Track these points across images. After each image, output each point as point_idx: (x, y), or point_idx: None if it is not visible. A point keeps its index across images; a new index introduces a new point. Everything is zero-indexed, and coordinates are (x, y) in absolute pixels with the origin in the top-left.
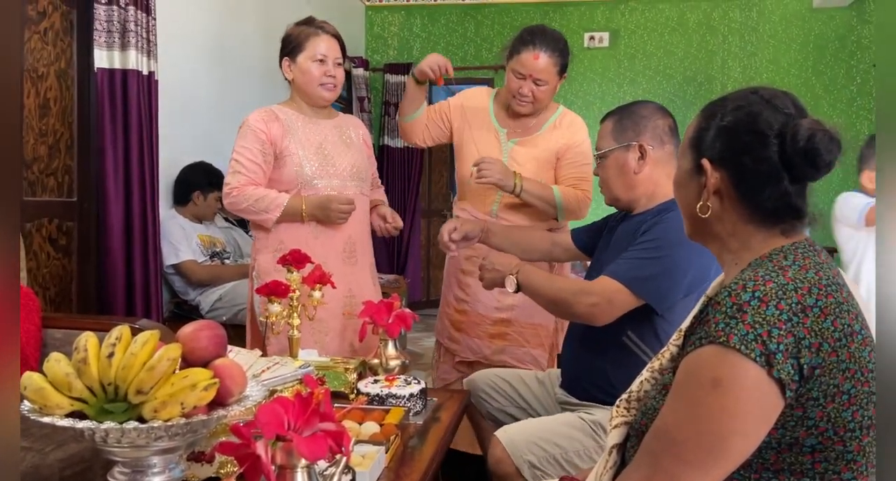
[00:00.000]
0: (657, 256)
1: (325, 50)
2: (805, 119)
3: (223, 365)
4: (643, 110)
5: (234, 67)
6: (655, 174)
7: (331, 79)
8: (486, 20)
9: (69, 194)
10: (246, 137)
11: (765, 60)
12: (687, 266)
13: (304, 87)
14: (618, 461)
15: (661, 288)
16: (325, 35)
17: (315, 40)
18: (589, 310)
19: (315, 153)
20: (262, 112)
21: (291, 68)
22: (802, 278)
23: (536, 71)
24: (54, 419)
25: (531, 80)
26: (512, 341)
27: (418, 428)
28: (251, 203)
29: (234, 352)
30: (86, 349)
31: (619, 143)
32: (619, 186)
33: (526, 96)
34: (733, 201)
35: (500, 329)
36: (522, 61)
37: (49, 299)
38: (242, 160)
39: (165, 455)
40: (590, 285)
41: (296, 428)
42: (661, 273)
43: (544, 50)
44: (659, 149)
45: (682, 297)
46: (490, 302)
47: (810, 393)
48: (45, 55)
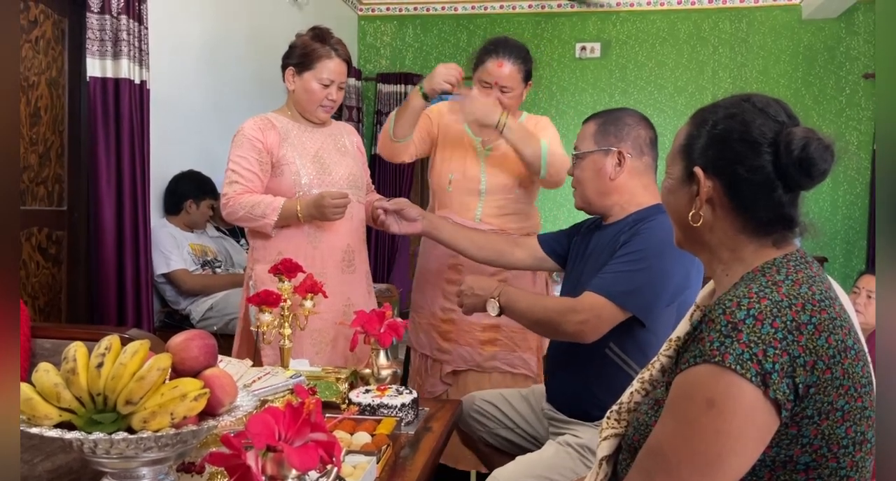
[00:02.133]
0: (640, 268)
1: (334, 75)
2: (798, 127)
3: (213, 376)
4: (628, 118)
5: (227, 77)
6: (631, 183)
7: (331, 102)
8: (479, 30)
9: (59, 203)
10: (242, 146)
11: (755, 71)
12: (670, 275)
13: (303, 104)
14: (609, 472)
15: (646, 299)
16: (336, 59)
17: (326, 63)
18: (578, 327)
19: (312, 161)
20: (257, 120)
21: (294, 80)
22: (796, 294)
23: (502, 78)
24: (43, 430)
25: (498, 88)
26: (502, 346)
27: (410, 439)
28: (247, 210)
29: (224, 361)
30: (75, 359)
31: (598, 147)
32: (592, 190)
33: None
34: (726, 210)
35: (491, 335)
36: (488, 70)
37: (38, 309)
38: (238, 169)
39: (155, 466)
40: (576, 302)
41: (286, 439)
42: (645, 284)
43: (508, 58)
44: (637, 158)
45: (666, 307)
46: None
47: (805, 412)
48: (36, 64)
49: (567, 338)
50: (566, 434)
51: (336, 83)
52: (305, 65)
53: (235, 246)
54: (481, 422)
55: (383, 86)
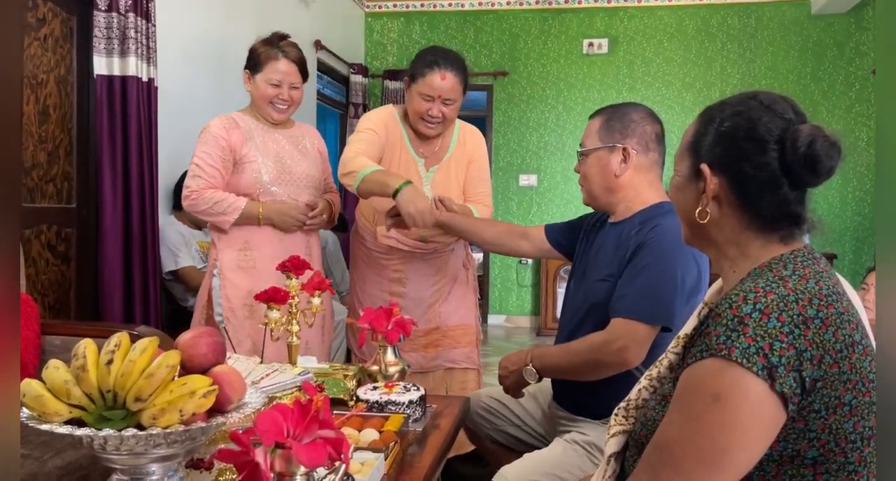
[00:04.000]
0: (657, 278)
1: (282, 76)
2: (805, 124)
3: (222, 373)
4: (634, 114)
5: (233, 73)
6: (636, 180)
7: (283, 102)
8: (486, 27)
9: (68, 200)
10: (207, 143)
11: (763, 67)
12: (684, 277)
13: (258, 104)
14: (616, 469)
15: (669, 307)
16: (284, 60)
17: (274, 64)
18: (619, 357)
19: (273, 161)
20: (223, 119)
21: (250, 82)
22: (803, 289)
23: (445, 91)
24: (53, 426)
25: (440, 101)
26: (444, 346)
27: (417, 435)
28: (210, 206)
29: (233, 358)
30: (84, 356)
31: (603, 143)
32: (598, 186)
33: (436, 117)
34: (732, 207)
35: (433, 337)
36: (429, 83)
37: (48, 305)
38: (202, 164)
39: (164, 462)
40: (606, 334)
41: (295, 436)
42: (664, 293)
43: (450, 69)
44: (643, 154)
45: (683, 308)
46: (421, 316)
47: (812, 406)
48: (44, 61)
49: (612, 370)
50: (573, 431)
51: (286, 83)
52: (257, 66)
53: None
54: (488, 420)
55: (390, 82)
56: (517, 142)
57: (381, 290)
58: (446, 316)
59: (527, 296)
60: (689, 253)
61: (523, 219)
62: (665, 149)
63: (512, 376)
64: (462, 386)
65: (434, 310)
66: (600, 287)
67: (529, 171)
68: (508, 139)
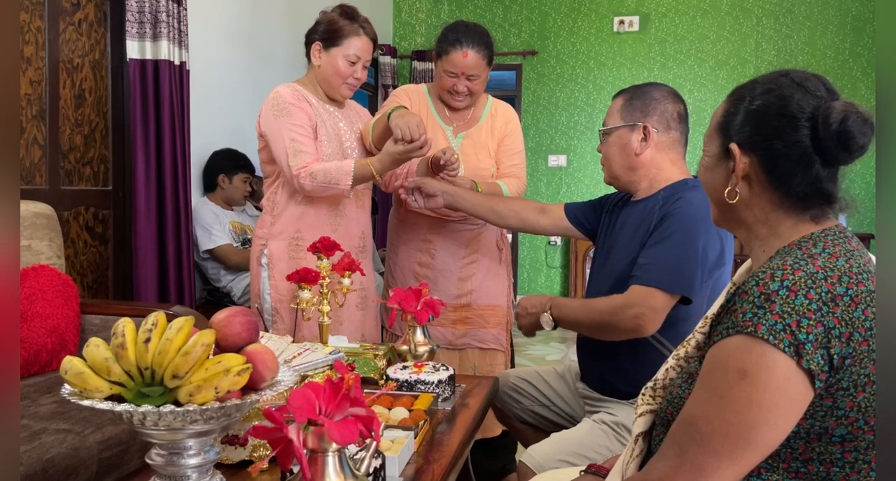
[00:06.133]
0: (678, 249)
1: (360, 52)
2: (837, 101)
3: (256, 351)
4: (655, 93)
5: (264, 56)
6: (658, 158)
7: (356, 80)
8: (515, 5)
9: (104, 183)
10: (293, 114)
11: (800, 43)
12: (705, 250)
13: (328, 79)
14: (644, 449)
15: (689, 278)
16: (364, 37)
17: (354, 40)
18: (634, 322)
19: (333, 136)
20: (291, 90)
21: (320, 56)
22: (832, 266)
23: (467, 68)
24: (94, 402)
25: (464, 77)
26: (473, 324)
27: (447, 414)
28: (320, 180)
29: (265, 338)
30: (123, 334)
31: (624, 122)
32: (619, 165)
33: (462, 91)
34: (763, 186)
35: (462, 314)
36: (452, 61)
37: (86, 285)
38: (299, 138)
39: (200, 438)
40: (626, 298)
41: (327, 413)
42: (685, 263)
43: (471, 46)
44: (664, 133)
45: (703, 283)
46: (451, 290)
47: (840, 383)
48: (79, 46)
49: (626, 336)
50: (601, 411)
51: (362, 61)
52: (332, 40)
53: None
54: (517, 399)
55: (418, 63)
56: (546, 123)
57: (410, 261)
58: (477, 294)
59: (556, 277)
60: (713, 227)
61: (552, 199)
62: (688, 128)
63: (529, 318)
64: (490, 369)
65: (465, 285)
66: (624, 263)
67: (559, 152)
68: (538, 119)
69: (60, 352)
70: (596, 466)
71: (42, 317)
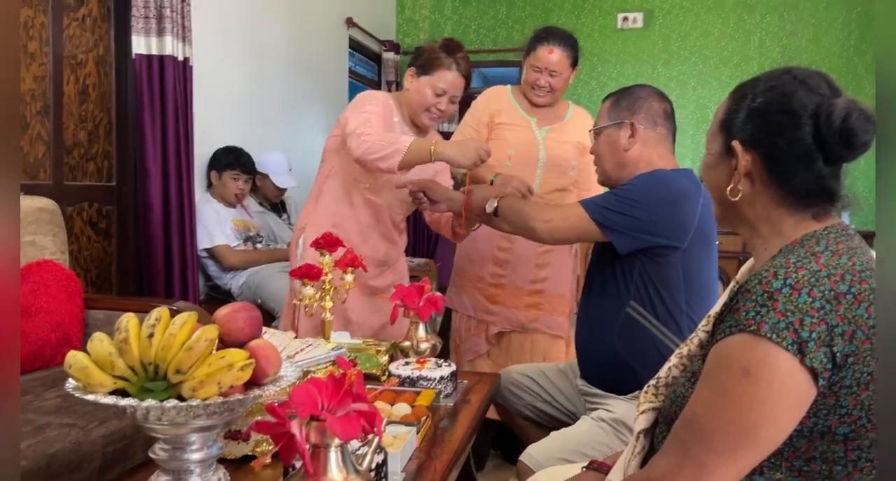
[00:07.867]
0: (623, 195)
1: (448, 86)
2: (840, 98)
3: (258, 347)
4: (641, 92)
5: (266, 53)
6: (646, 153)
7: (440, 112)
8: (518, 2)
9: (108, 179)
10: (376, 104)
11: (804, 40)
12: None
13: (412, 105)
14: (646, 446)
15: (618, 218)
16: (456, 72)
17: (445, 73)
18: (543, 225)
19: None
20: (385, 98)
21: (412, 81)
22: (835, 264)
23: (551, 64)
24: (98, 397)
25: (547, 73)
26: (544, 310)
27: (449, 410)
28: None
29: (268, 333)
30: (127, 329)
31: (612, 121)
32: (610, 163)
33: (543, 86)
34: (765, 184)
35: (535, 299)
36: (538, 56)
37: (90, 281)
38: (374, 119)
39: (203, 433)
40: (555, 206)
41: (329, 409)
42: (619, 204)
43: (557, 45)
44: (651, 129)
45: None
46: (527, 275)
47: (843, 382)
48: (83, 42)
49: (528, 232)
50: (600, 408)
51: (448, 94)
52: (426, 69)
53: (278, 221)
54: (518, 395)
55: None
56: None
57: (490, 245)
58: (551, 282)
59: None
60: (672, 202)
61: None
62: (675, 126)
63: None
64: (556, 356)
65: (540, 272)
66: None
67: None
68: None
69: (64, 346)
70: (598, 462)
71: (46, 312)
